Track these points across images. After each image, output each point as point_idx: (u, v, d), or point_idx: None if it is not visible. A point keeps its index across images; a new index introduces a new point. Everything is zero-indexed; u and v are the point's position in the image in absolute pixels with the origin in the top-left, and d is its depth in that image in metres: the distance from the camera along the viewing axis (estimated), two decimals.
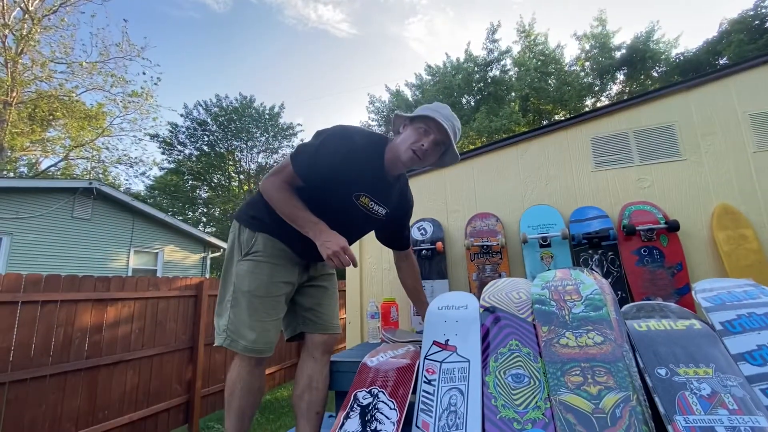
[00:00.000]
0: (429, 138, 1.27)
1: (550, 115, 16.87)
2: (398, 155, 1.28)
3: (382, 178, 1.32)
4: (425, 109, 1.29)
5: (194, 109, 19.40)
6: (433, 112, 1.27)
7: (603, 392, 1.07)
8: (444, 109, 1.30)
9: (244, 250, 1.32)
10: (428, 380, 1.27)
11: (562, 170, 2.41)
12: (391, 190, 1.38)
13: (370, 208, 1.33)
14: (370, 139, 1.29)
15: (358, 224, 1.40)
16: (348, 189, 1.27)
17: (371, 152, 1.28)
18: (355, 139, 1.24)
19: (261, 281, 1.28)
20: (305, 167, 1.21)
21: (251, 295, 1.27)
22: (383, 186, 1.34)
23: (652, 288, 1.98)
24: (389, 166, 1.31)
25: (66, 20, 11.60)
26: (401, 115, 1.34)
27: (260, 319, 1.27)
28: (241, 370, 1.30)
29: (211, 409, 4.12)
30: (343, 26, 34.25)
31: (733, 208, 2.06)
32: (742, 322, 1.23)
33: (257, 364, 1.32)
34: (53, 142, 13.52)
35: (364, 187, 1.29)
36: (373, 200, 1.32)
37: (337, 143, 1.22)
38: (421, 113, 1.28)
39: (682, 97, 2.31)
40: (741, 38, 13.07)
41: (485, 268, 2.25)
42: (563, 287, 1.42)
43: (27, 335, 2.67)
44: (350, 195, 1.27)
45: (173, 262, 9.70)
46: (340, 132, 1.24)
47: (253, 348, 1.26)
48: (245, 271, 1.29)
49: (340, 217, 1.30)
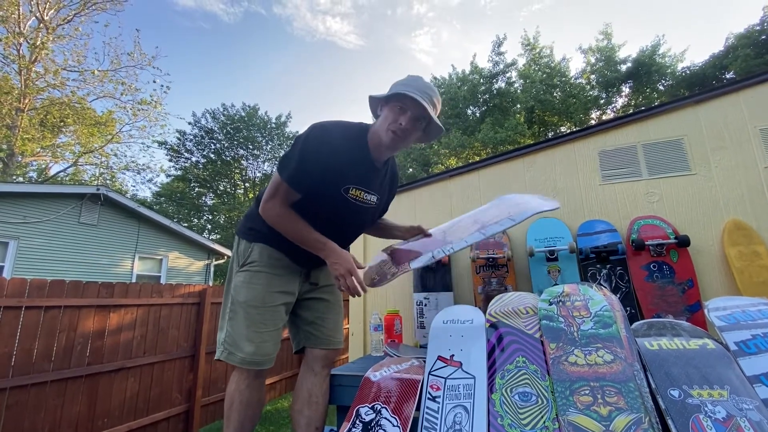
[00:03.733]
0: (406, 115, 1.21)
1: (555, 127, 16.90)
2: (380, 139, 1.24)
3: (370, 166, 1.28)
4: (398, 86, 1.23)
5: (202, 117, 19.66)
6: (406, 87, 1.20)
7: (614, 413, 1.03)
8: (417, 81, 1.24)
9: (241, 261, 1.32)
10: (432, 397, 1.24)
11: (570, 183, 2.39)
12: (380, 176, 1.34)
13: (361, 199, 1.29)
14: (350, 130, 1.24)
15: (353, 218, 1.36)
16: (336, 185, 1.23)
17: (353, 143, 1.23)
18: (334, 134, 1.20)
19: (257, 291, 1.26)
20: (295, 178, 1.18)
21: (247, 306, 1.25)
22: (372, 174, 1.30)
23: (662, 305, 1.93)
24: (375, 153, 1.27)
25: (80, 29, 11.88)
26: (375, 96, 1.28)
27: (257, 330, 1.25)
28: (240, 383, 1.27)
29: (211, 419, 4.06)
30: (350, 38, 34.77)
31: (744, 224, 2.02)
32: (757, 343, 1.19)
33: (256, 377, 1.29)
34: (63, 148, 13.73)
35: (351, 179, 1.25)
36: (362, 190, 1.28)
37: (318, 143, 1.17)
38: (394, 91, 1.21)
39: (691, 111, 2.29)
40: (747, 53, 13.06)
41: (491, 281, 2.22)
42: (572, 303, 1.39)
43: (29, 341, 2.66)
44: (339, 190, 1.23)
45: (177, 268, 9.72)
46: (317, 131, 1.19)
47: (251, 360, 1.24)
48: (241, 282, 1.29)
49: (335, 214, 1.28)
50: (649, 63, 15.48)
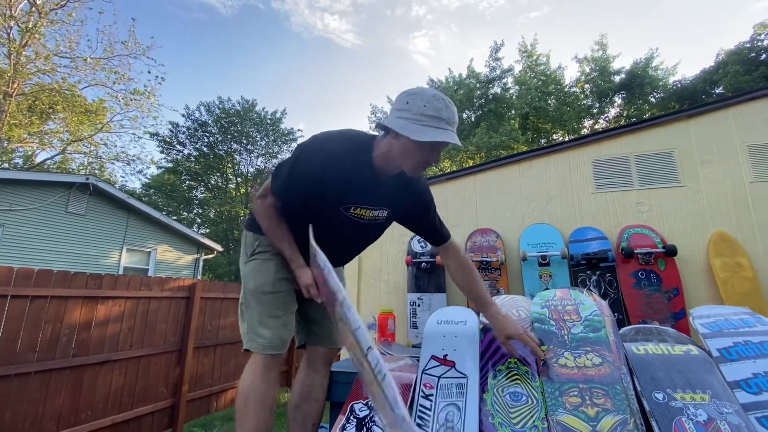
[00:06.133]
0: (437, 152, 1.12)
1: (548, 135, 17.11)
2: (398, 164, 1.14)
3: (374, 180, 1.18)
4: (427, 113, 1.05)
5: (196, 110, 19.44)
6: (438, 121, 1.05)
7: (601, 414, 1.07)
8: (447, 108, 1.07)
9: (249, 251, 1.32)
10: (426, 395, 1.26)
11: (563, 190, 2.44)
12: (388, 188, 1.23)
13: (367, 216, 1.24)
14: (350, 144, 1.15)
15: (359, 234, 1.32)
16: (335, 203, 1.17)
17: (353, 159, 1.14)
18: (330, 150, 1.12)
19: (267, 278, 1.26)
20: (281, 193, 1.16)
21: (257, 293, 1.25)
22: (377, 188, 1.20)
23: (649, 311, 1.99)
24: (381, 167, 1.16)
25: (73, 15, 11.66)
26: (414, 140, 1.05)
27: (271, 315, 1.24)
28: (255, 377, 1.21)
29: (197, 414, 4.03)
30: (348, 36, 34.72)
31: (729, 236, 2.09)
32: (738, 350, 1.24)
33: (271, 368, 1.23)
34: (51, 135, 13.45)
35: (352, 198, 1.18)
36: (367, 207, 1.22)
37: (310, 160, 1.11)
38: (434, 138, 1.04)
39: (682, 125, 2.36)
40: (737, 69, 13.39)
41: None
42: (563, 307, 1.43)
43: (14, 330, 2.61)
44: (338, 208, 1.18)
45: (166, 262, 9.60)
46: (312, 147, 1.12)
47: (270, 345, 1.21)
48: (250, 270, 1.29)
49: (338, 229, 1.24)
50: (642, 75, 15.77)
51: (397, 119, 1.08)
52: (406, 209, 1.33)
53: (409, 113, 1.06)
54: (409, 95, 1.09)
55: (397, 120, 1.08)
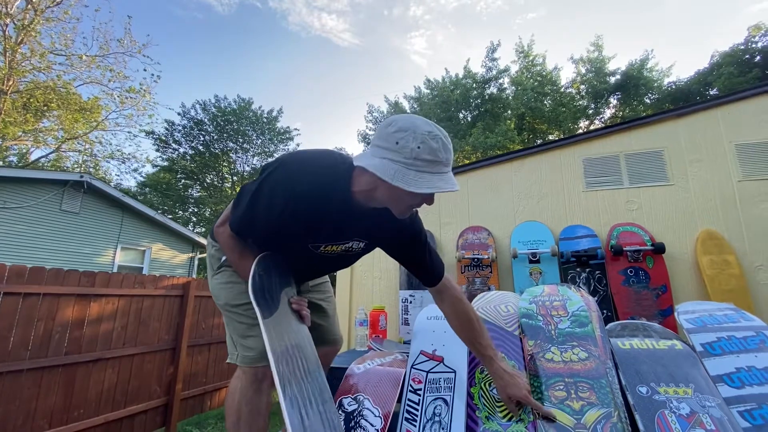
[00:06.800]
0: (432, 197, 0.97)
1: (544, 135, 17.17)
2: (383, 205, 1.00)
3: (350, 215, 1.03)
4: (428, 170, 0.88)
5: (192, 108, 19.36)
6: (443, 174, 0.90)
7: (585, 408, 1.08)
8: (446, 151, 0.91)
9: (215, 265, 1.25)
10: (414, 389, 1.27)
11: (554, 189, 2.46)
12: (367, 220, 1.06)
13: (339, 250, 1.12)
14: (323, 179, 0.97)
15: (332, 265, 1.24)
16: (301, 240, 1.07)
17: (326, 197, 0.97)
18: (299, 187, 0.94)
19: (237, 290, 1.18)
20: (237, 227, 1.06)
21: (230, 306, 1.19)
22: (352, 223, 1.06)
23: (637, 308, 2.01)
24: (362, 201, 1.00)
25: (69, 13, 11.59)
26: (407, 191, 0.89)
27: (250, 328, 1.17)
28: (246, 389, 1.14)
29: (190, 413, 4.02)
30: (345, 36, 34.67)
31: (717, 234, 2.12)
32: (722, 345, 1.26)
33: (263, 379, 1.16)
34: (46, 133, 13.36)
35: (322, 237, 1.06)
36: (338, 244, 1.10)
37: (272, 195, 0.95)
38: (433, 190, 0.89)
39: (671, 124, 2.38)
40: (731, 71, 13.52)
41: (475, 281, 2.27)
42: (550, 303, 1.44)
43: (6, 327, 2.60)
44: (306, 245, 1.08)
45: (160, 260, 9.56)
46: (278, 180, 0.96)
47: (260, 356, 1.13)
48: (218, 284, 1.22)
49: (304, 261, 1.17)
50: (638, 76, 15.86)
51: (384, 161, 0.89)
52: (388, 240, 1.17)
53: (399, 155, 0.88)
54: (398, 132, 0.89)
55: (385, 163, 0.89)
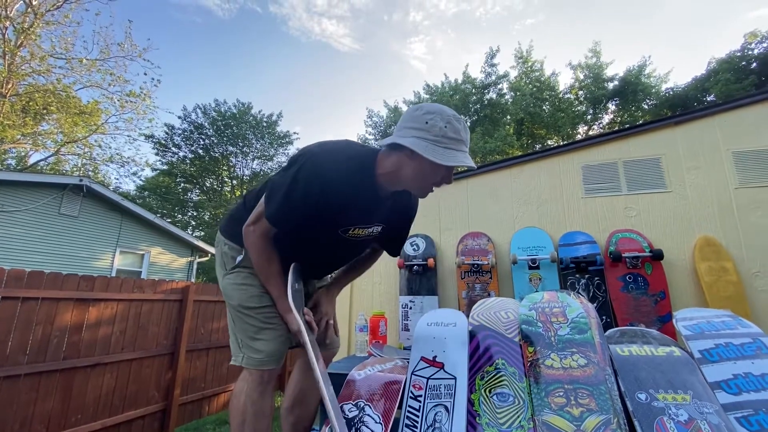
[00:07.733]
0: (451, 175, 1.08)
1: (543, 140, 17.26)
2: (407, 184, 1.10)
3: (375, 199, 1.14)
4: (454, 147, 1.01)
5: (192, 112, 19.40)
6: (465, 152, 1.03)
7: (585, 414, 1.09)
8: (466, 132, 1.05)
9: (229, 264, 1.25)
10: (414, 396, 1.27)
11: (554, 195, 2.48)
12: (386, 204, 1.19)
13: (363, 234, 1.21)
14: (351, 164, 1.07)
15: (352, 251, 1.32)
16: (332, 227, 1.14)
17: (355, 181, 1.07)
18: (331, 173, 1.03)
19: (251, 292, 1.20)
20: (275, 220, 1.08)
21: (243, 308, 1.20)
22: (376, 206, 1.17)
23: (636, 314, 2.02)
24: (385, 184, 1.11)
25: (70, 16, 11.63)
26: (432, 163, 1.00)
27: (265, 327, 1.19)
28: (251, 392, 1.15)
29: (189, 419, 4.00)
30: (345, 41, 34.87)
31: (715, 241, 2.13)
32: (719, 351, 1.27)
33: (268, 381, 1.19)
34: (45, 137, 13.34)
35: (351, 220, 1.14)
36: (365, 228, 1.19)
37: (309, 185, 1.02)
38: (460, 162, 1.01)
39: (669, 132, 2.41)
40: (728, 77, 13.64)
41: (475, 287, 2.28)
42: (550, 309, 1.45)
43: (4, 332, 2.59)
44: (337, 231, 1.15)
45: (159, 264, 9.54)
46: (311, 168, 1.03)
47: (267, 360, 1.17)
48: (232, 284, 1.23)
49: (330, 250, 1.23)
50: (635, 82, 15.99)
51: (415, 139, 1.00)
52: (395, 223, 1.30)
53: (428, 134, 1.00)
54: (428, 114, 1.02)
55: (416, 140, 1.00)
